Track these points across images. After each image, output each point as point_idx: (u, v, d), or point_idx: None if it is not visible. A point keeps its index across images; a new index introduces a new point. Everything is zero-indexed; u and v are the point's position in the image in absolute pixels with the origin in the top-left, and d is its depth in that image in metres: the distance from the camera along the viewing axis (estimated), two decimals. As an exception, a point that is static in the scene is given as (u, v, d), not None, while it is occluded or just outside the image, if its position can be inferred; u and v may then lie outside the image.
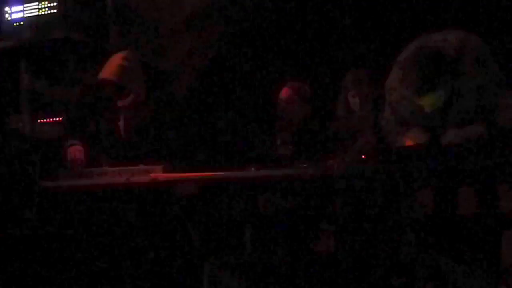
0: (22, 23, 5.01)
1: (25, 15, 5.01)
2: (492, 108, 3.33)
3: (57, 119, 4.91)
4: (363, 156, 3.68)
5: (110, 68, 4.21)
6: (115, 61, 4.23)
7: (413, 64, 3.37)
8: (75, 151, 4.08)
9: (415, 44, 3.46)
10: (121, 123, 4.23)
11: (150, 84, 4.34)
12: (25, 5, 5.00)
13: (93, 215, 3.95)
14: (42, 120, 4.93)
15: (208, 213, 3.87)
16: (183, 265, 3.93)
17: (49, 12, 4.93)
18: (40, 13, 4.96)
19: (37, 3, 4.95)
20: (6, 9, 5.05)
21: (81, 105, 4.65)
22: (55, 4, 4.91)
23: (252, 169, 3.79)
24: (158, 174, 3.83)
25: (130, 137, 4.20)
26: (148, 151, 4.12)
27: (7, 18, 5.05)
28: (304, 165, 3.65)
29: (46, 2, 4.92)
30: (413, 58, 3.40)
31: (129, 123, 4.21)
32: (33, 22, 4.97)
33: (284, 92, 4.40)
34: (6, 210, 4.24)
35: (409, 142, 3.36)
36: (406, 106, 3.51)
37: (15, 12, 5.04)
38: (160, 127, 4.21)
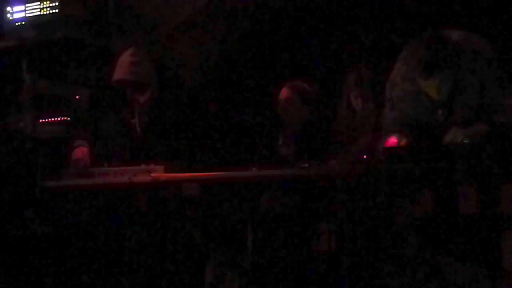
0: (23, 22, 5.01)
1: (27, 15, 5.01)
2: (494, 107, 3.33)
3: (59, 118, 4.91)
4: (364, 156, 3.67)
5: (122, 67, 4.21)
6: (125, 59, 4.23)
7: (416, 48, 3.36)
8: (79, 152, 4.09)
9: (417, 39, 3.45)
10: (135, 121, 4.24)
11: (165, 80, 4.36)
12: (27, 5, 5.00)
13: (95, 214, 3.95)
14: (44, 120, 4.93)
15: (210, 213, 3.87)
16: (185, 265, 3.93)
17: (50, 11, 4.92)
18: (41, 13, 4.95)
19: (38, 3, 4.94)
20: (8, 9, 5.05)
21: (90, 105, 4.66)
22: (56, 3, 4.91)
23: (254, 169, 3.79)
24: (160, 174, 3.83)
25: (144, 135, 4.21)
26: (162, 149, 4.13)
27: (9, 17, 5.05)
28: (306, 165, 3.65)
29: (48, 2, 4.92)
30: (417, 44, 3.38)
31: (144, 120, 4.22)
32: (34, 22, 4.97)
33: (283, 92, 4.39)
34: (7, 209, 4.25)
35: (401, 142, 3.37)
36: (408, 102, 3.50)
37: (16, 12, 5.04)
38: (163, 127, 4.22)
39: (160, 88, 4.34)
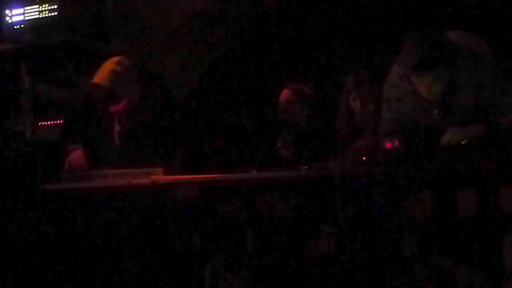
0: (22, 26, 5.02)
1: (26, 18, 5.02)
2: (491, 107, 3.33)
3: (58, 121, 4.91)
4: (363, 158, 3.68)
5: (102, 73, 4.20)
6: (107, 66, 4.22)
7: (413, 48, 3.35)
8: (75, 155, 4.08)
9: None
10: (115, 128, 4.23)
11: (150, 87, 4.33)
12: (26, 8, 5.01)
13: (94, 217, 3.95)
14: (43, 123, 4.94)
15: (209, 215, 3.87)
16: (184, 267, 3.93)
17: (49, 15, 4.93)
18: (40, 16, 4.96)
19: (37, 6, 4.96)
20: (7, 12, 5.05)
21: (78, 109, 4.65)
22: (55, 7, 4.92)
23: (253, 171, 3.79)
24: (159, 176, 3.83)
25: (123, 142, 4.20)
26: (141, 156, 4.12)
27: (7, 21, 5.05)
28: (305, 167, 3.65)
29: (47, 5, 4.93)
30: (414, 43, 3.37)
31: (123, 128, 4.21)
32: (33, 25, 4.97)
33: (284, 94, 4.41)
34: (7, 212, 4.25)
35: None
36: (405, 102, 3.50)
37: (15, 15, 5.05)
38: (159, 129, 4.21)
39: (144, 96, 4.31)
